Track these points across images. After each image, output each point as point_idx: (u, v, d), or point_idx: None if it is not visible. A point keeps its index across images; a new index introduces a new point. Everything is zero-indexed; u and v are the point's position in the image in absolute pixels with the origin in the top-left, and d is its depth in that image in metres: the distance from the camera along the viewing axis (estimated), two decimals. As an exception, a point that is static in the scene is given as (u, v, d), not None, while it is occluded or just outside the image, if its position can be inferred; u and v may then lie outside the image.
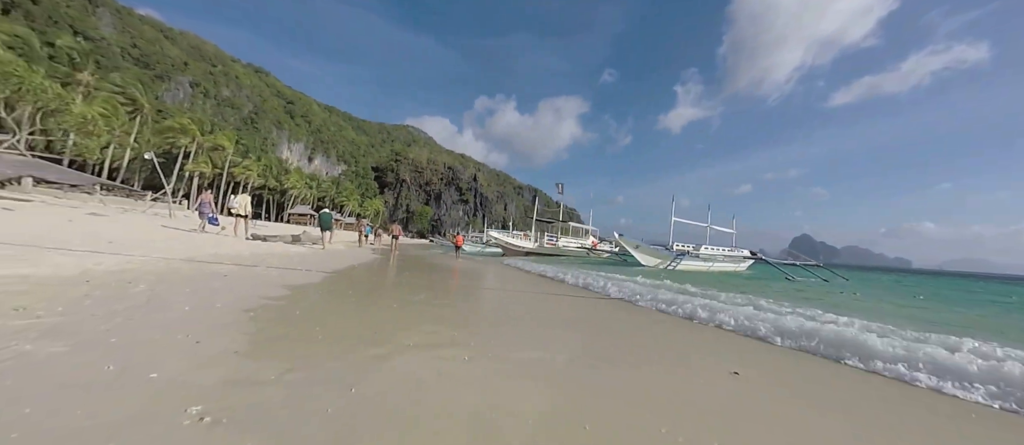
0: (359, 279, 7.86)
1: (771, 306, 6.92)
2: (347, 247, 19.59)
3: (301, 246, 15.26)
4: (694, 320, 5.68)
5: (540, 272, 13.83)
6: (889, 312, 9.36)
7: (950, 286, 28.41)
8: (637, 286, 9.04)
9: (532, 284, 9.85)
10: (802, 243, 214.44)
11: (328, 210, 17.42)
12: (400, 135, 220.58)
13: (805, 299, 10.71)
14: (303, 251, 13.26)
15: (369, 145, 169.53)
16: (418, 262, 16.02)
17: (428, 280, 9.05)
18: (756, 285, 16.33)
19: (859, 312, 8.03)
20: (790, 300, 9.26)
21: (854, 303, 11.02)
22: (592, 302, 7.25)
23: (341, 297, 5.38)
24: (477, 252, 40.05)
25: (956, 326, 6.77)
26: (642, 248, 22.96)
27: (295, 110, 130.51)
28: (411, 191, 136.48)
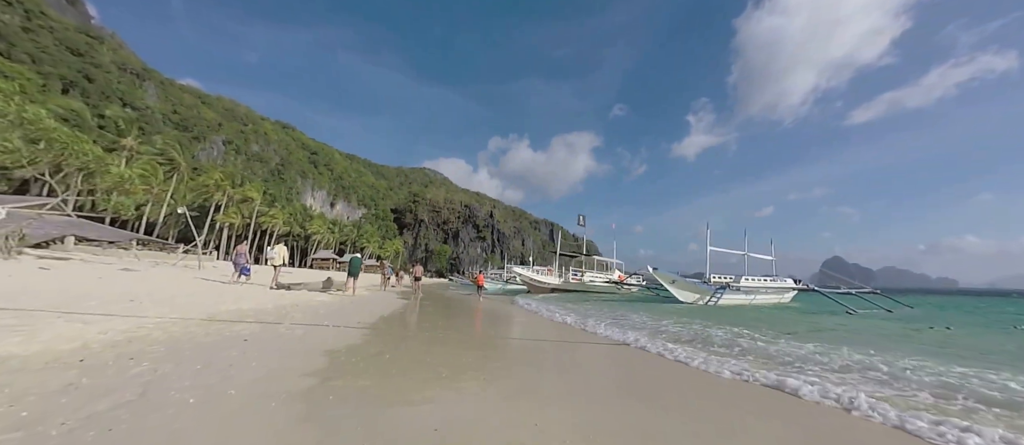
0: (394, 336, 7.00)
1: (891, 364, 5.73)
2: (371, 291, 18.89)
3: (327, 294, 14.64)
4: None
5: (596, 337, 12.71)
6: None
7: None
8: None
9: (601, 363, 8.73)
10: (834, 266, 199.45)
11: (358, 256, 16.91)
12: (417, 177, 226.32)
13: (902, 338, 9.28)
14: (328, 300, 12.57)
15: (388, 188, 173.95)
16: (447, 307, 15.11)
17: (470, 334, 8.11)
18: (818, 322, 14.74)
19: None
20: (889, 345, 7.93)
21: (970, 344, 9.44)
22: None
23: (383, 372, 4.52)
24: (498, 290, 38.92)
25: None
26: (679, 282, 21.37)
27: (318, 160, 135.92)
28: (429, 230, 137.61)
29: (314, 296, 13.28)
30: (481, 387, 3.87)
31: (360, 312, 10.02)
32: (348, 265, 16.18)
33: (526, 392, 3.86)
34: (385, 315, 9.90)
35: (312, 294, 13.97)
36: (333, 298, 13.48)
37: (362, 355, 4.89)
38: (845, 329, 11.41)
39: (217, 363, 3.87)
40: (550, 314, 13.29)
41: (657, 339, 7.72)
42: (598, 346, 7.20)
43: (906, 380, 4.96)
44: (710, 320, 12.31)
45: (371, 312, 10.33)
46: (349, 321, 7.97)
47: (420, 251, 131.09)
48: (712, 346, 7.29)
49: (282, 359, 4.37)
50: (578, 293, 30.01)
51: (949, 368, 5.68)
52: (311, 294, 13.93)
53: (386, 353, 5.15)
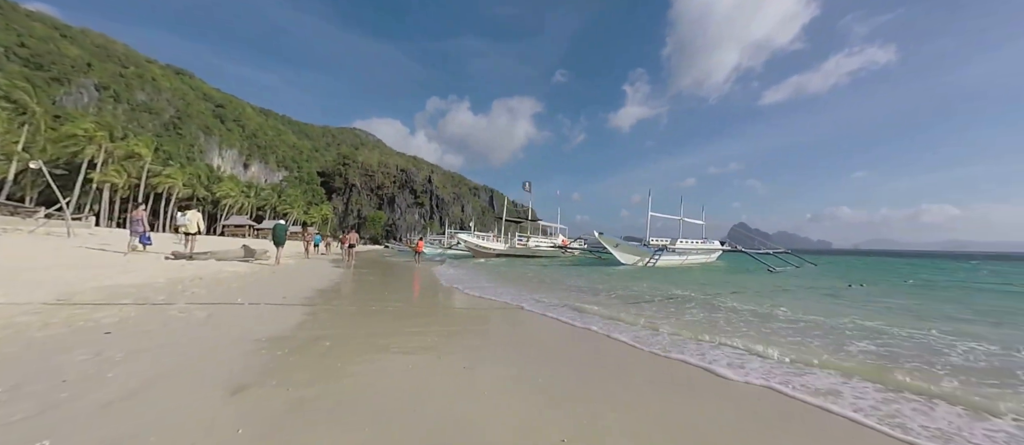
0: (335, 313, 5.73)
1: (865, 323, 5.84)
2: (297, 261, 16.73)
3: (246, 264, 12.43)
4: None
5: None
6: (956, 313, 8.82)
7: (902, 266, 30.83)
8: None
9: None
10: (740, 230, 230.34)
11: (282, 222, 15.06)
12: (347, 138, 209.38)
13: (834, 301, 10.05)
14: (245, 271, 10.58)
15: (313, 150, 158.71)
16: (388, 274, 13.74)
17: (426, 303, 7.06)
18: (746, 281, 15.92)
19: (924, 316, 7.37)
20: (835, 305, 8.45)
21: (890, 301, 10.45)
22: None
23: (328, 371, 3.38)
24: (437, 254, 37.74)
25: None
26: (622, 246, 22.06)
27: (226, 114, 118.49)
28: (362, 196, 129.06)
29: (225, 266, 11.14)
30: (469, 379, 2.96)
31: (287, 285, 8.42)
32: (272, 232, 14.30)
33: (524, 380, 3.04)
34: (320, 287, 8.43)
35: (223, 264, 11.74)
36: (252, 269, 11.45)
37: (293, 344, 3.68)
38: (769, 287, 12.30)
39: (36, 381, 2.47)
40: (487, 285, 12.65)
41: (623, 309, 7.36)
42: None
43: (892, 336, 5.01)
44: (662, 283, 12.56)
45: (302, 284, 8.76)
46: (271, 297, 6.48)
47: (352, 217, 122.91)
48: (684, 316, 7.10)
49: (162, 360, 3.04)
50: (524, 257, 29.95)
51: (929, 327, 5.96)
52: (222, 264, 11.71)
53: (326, 338, 3.98)
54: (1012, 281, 15.85)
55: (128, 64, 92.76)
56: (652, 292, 9.76)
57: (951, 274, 20.32)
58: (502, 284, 11.39)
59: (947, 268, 26.52)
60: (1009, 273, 21.90)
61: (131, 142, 50.69)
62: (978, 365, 3.92)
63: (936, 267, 27.51)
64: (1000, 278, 18.05)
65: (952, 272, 21.82)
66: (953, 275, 19.46)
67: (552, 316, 5.96)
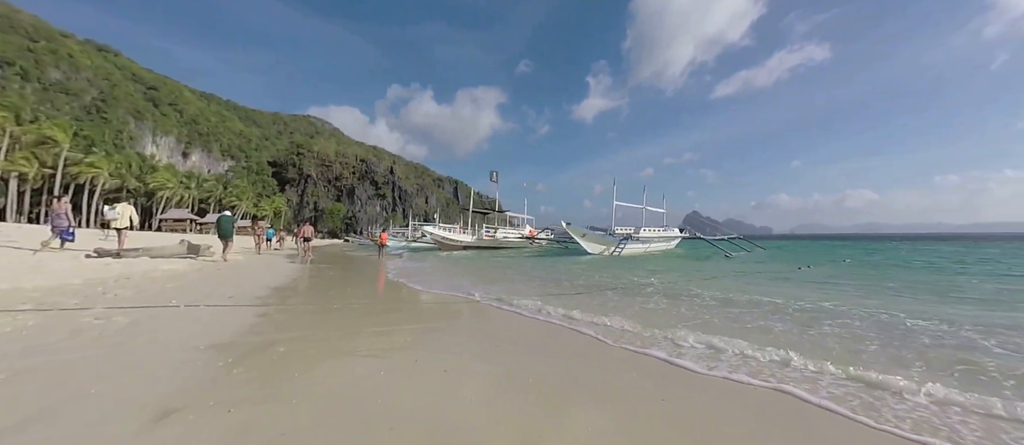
0: (291, 313, 5.13)
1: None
2: (248, 257, 15.42)
3: (186, 261, 11.18)
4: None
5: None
6: (898, 291, 9.39)
7: (836, 248, 33.60)
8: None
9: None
10: (692, 219, 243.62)
11: (228, 214, 13.59)
12: (300, 126, 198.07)
13: (791, 283, 10.51)
14: (184, 268, 9.48)
15: (262, 138, 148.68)
16: (349, 270, 12.92)
17: (393, 299, 6.54)
18: (708, 268, 16.52)
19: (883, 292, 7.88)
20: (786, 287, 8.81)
21: (839, 283, 11.05)
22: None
23: (275, 395, 2.89)
24: (401, 247, 36.69)
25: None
26: (589, 236, 22.30)
27: (159, 97, 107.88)
28: (319, 187, 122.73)
29: (160, 264, 9.94)
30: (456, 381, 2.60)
31: (235, 283, 7.58)
32: (216, 226, 13.02)
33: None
34: (274, 285, 7.66)
35: (157, 262, 10.49)
36: (194, 266, 10.31)
37: (239, 352, 3.14)
38: (727, 271, 12.82)
39: None
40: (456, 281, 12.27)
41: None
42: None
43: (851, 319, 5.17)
44: (636, 272, 12.69)
45: (252, 282, 7.93)
46: (215, 297, 5.73)
47: (308, 210, 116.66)
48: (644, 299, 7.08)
49: (63, 380, 2.44)
50: (491, 249, 29.64)
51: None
52: (156, 262, 10.45)
53: (280, 342, 3.46)
54: (931, 258, 17.63)
55: (37, 38, 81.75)
56: (624, 281, 9.78)
57: (880, 254, 22.34)
58: (471, 277, 11.02)
59: (874, 248, 29.27)
60: (924, 250, 24.73)
61: (43, 126, 44.78)
62: (944, 344, 4.07)
63: (864, 248, 30.17)
64: (920, 255, 20.07)
65: (879, 252, 24.01)
66: (882, 255, 21.38)
67: (530, 315, 5.69)
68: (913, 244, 37.21)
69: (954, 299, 6.99)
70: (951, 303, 6.54)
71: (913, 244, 37.21)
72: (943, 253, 21.87)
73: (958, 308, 6.01)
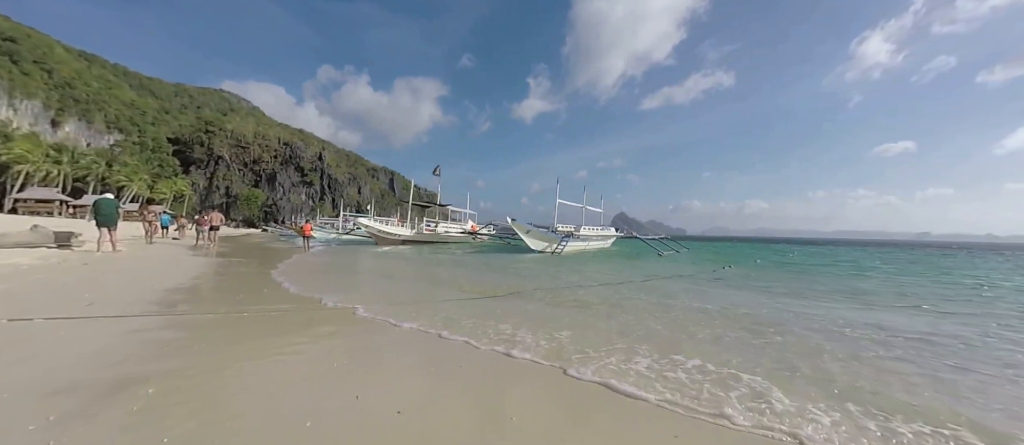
0: (177, 345, 3.98)
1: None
2: (134, 249, 12.81)
3: (46, 250, 8.78)
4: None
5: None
6: (830, 286, 10.22)
7: (743, 249, 37.58)
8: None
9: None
10: (620, 218, 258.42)
11: (110, 196, 11.23)
12: (211, 101, 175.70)
13: (724, 284, 11.08)
14: (30, 264, 7.40)
15: (161, 111, 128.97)
16: (269, 261, 11.22)
17: (320, 306, 5.51)
18: (648, 268, 17.25)
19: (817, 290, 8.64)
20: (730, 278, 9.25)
21: (765, 278, 11.89)
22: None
23: None
24: (329, 239, 34.00)
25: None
26: (533, 233, 22.21)
27: (20, 52, 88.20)
28: (233, 171, 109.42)
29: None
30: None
31: (106, 284, 5.97)
32: (93, 210, 10.77)
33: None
34: (163, 286, 6.16)
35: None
36: (47, 261, 8.13)
37: (84, 398, 2.16)
38: (673, 269, 13.43)
39: None
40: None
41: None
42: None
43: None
44: (587, 274, 12.67)
45: (131, 282, 6.33)
46: (66, 306, 4.33)
47: (219, 195, 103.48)
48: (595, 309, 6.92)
49: None
50: (433, 243, 28.43)
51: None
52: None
53: (150, 379, 2.49)
54: (830, 261, 20.37)
55: None
56: (584, 291, 9.60)
57: (781, 255, 25.28)
58: (414, 277, 10.14)
59: (774, 250, 33.26)
60: (817, 253, 28.93)
61: None
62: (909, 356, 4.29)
63: (768, 250, 34.09)
64: (816, 258, 23.02)
65: (780, 253, 27.19)
66: (782, 256, 24.23)
67: (488, 347, 5.11)
68: (802, 248, 43.26)
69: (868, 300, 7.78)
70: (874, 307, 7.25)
71: (802, 248, 43.26)
72: (822, 255, 25.61)
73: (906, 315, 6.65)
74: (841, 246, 56.66)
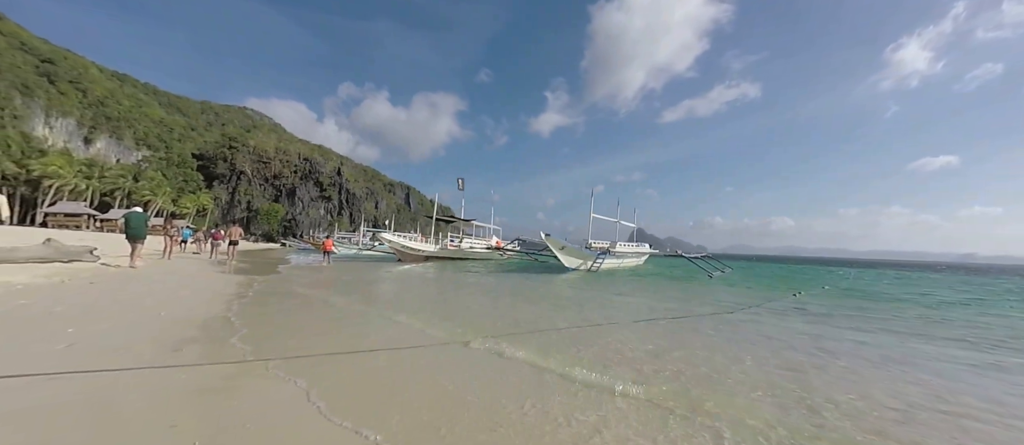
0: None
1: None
2: (150, 264, 12.04)
3: (59, 265, 7.97)
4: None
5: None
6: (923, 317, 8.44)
7: (779, 271, 34.86)
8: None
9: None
10: (638, 236, 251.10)
11: (139, 210, 11.29)
12: (234, 118, 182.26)
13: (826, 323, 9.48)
14: (33, 283, 6.50)
15: (188, 128, 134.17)
16: (299, 282, 10.20)
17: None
18: (712, 293, 15.60)
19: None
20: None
21: (856, 309, 10.24)
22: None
23: None
24: (353, 255, 33.38)
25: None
26: (567, 249, 20.86)
27: (57, 72, 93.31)
28: (254, 185, 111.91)
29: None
30: None
31: (106, 314, 4.93)
32: (124, 224, 10.81)
33: None
34: (172, 316, 5.08)
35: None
36: (54, 278, 7.26)
37: None
38: (722, 293, 11.80)
39: None
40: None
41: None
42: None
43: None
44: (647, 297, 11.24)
45: (138, 308, 5.28)
46: (31, 354, 3.24)
47: (240, 209, 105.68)
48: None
49: None
50: (457, 260, 27.34)
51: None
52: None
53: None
54: (899, 285, 18.11)
55: None
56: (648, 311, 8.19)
57: (837, 278, 22.83)
58: (432, 309, 8.94)
59: (832, 274, 28.57)
60: (867, 275, 26.06)
61: None
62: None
63: (826, 273, 29.58)
64: (879, 283, 20.72)
65: (840, 278, 23.92)
66: (841, 280, 21.81)
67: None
68: (859, 270, 37.49)
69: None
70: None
71: (859, 270, 37.49)
72: (891, 279, 22.96)
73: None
74: (884, 268, 52.23)
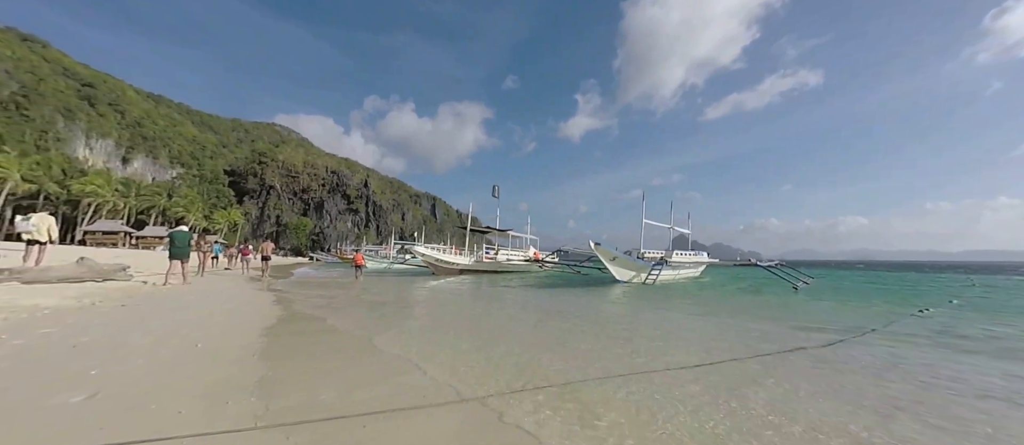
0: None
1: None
2: (176, 285, 11.17)
3: (94, 284, 7.01)
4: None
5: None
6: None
7: (866, 279, 31.27)
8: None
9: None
10: (680, 243, 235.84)
11: (185, 229, 11.56)
12: (264, 134, 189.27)
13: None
14: (67, 305, 5.45)
15: (219, 145, 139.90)
16: (344, 297, 8.99)
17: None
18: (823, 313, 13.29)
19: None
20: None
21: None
22: None
23: None
24: (383, 269, 32.59)
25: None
26: (619, 260, 19.08)
27: (96, 96, 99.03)
28: (283, 200, 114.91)
29: (33, 296, 5.83)
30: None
31: (133, 351, 3.68)
32: (169, 242, 11.13)
33: None
34: (228, 354, 3.79)
35: (31, 290, 6.33)
36: (85, 299, 6.24)
37: None
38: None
39: None
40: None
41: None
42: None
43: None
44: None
45: (173, 343, 4.02)
46: (43, 404, 1.93)
47: (270, 224, 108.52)
48: None
49: None
50: (495, 273, 25.95)
51: None
52: (29, 290, 6.29)
53: None
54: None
55: (-56, 19, 73.19)
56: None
57: (960, 288, 19.52)
58: (467, 337, 7.46)
59: (945, 283, 23.63)
60: (994, 282, 22.24)
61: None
62: None
63: (934, 281, 25.09)
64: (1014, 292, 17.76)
65: (961, 287, 20.31)
66: (964, 289, 18.85)
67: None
68: (982, 277, 30.66)
69: None
70: None
71: (982, 277, 30.66)
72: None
73: None
74: (996, 272, 43.46)
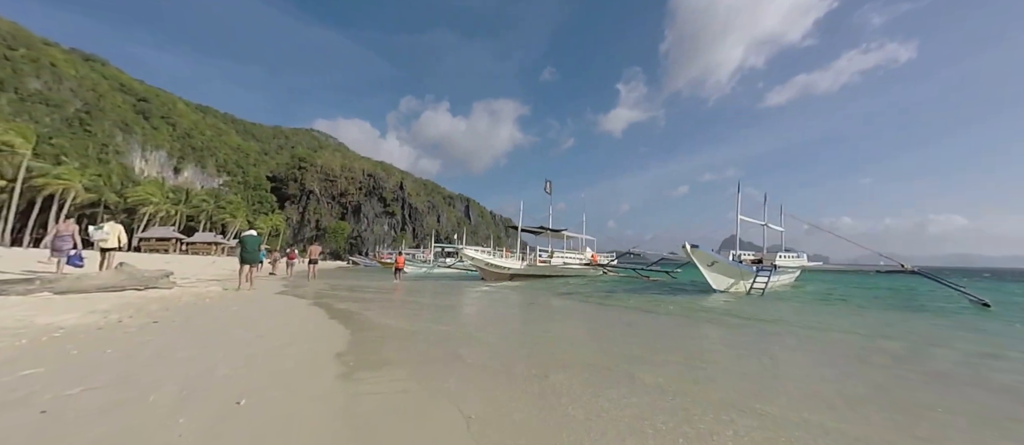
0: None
1: None
2: (226, 291, 10.66)
3: (137, 292, 6.41)
4: None
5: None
6: None
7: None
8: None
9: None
10: (731, 243, 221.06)
11: (254, 234, 11.91)
12: (303, 140, 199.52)
13: None
14: (75, 326, 4.67)
15: (261, 153, 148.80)
16: (403, 302, 7.95)
17: None
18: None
19: None
20: None
21: None
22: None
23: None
24: (423, 273, 32.17)
25: None
26: (718, 265, 16.80)
27: (151, 110, 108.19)
28: (322, 204, 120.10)
29: (81, 307, 5.15)
30: None
31: (168, 400, 2.60)
32: (240, 247, 11.54)
33: None
34: (263, 403, 2.65)
35: (75, 301, 5.71)
36: (129, 309, 5.51)
37: None
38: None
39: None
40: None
41: None
42: None
43: None
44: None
45: (202, 384, 2.95)
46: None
47: (309, 228, 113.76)
48: None
49: None
50: (548, 278, 24.49)
51: None
52: (72, 301, 5.68)
53: None
54: None
55: (16, 46, 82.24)
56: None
57: None
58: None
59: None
60: None
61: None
62: None
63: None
64: None
65: None
66: None
67: None
68: None
69: None
70: None
71: None
72: None
73: None
74: None
